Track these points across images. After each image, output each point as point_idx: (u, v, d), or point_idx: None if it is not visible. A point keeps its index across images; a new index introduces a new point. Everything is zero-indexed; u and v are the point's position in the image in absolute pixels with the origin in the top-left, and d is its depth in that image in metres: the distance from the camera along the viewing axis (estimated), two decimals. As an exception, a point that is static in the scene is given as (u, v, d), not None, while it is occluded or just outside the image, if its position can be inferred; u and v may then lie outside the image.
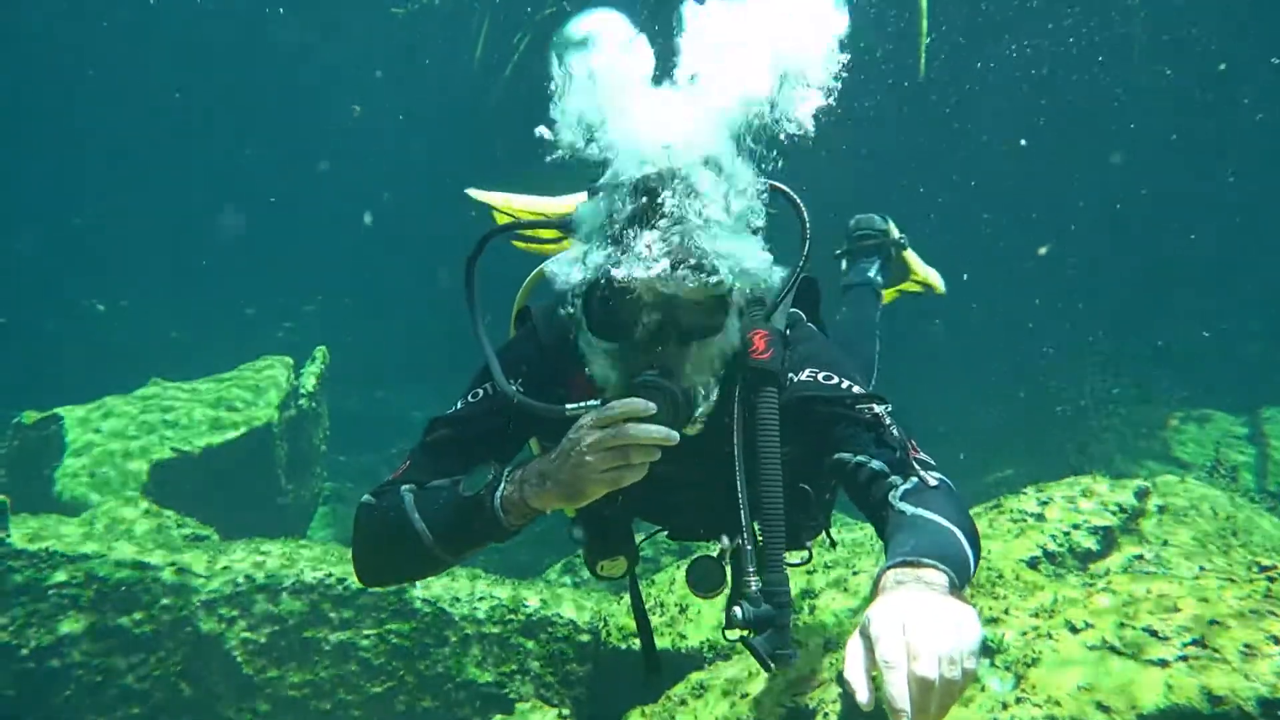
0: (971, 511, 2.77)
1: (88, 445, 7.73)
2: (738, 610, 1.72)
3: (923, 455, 1.77)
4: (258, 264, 17.97)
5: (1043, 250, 11.64)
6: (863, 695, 1.16)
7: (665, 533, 2.37)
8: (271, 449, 8.22)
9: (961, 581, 1.39)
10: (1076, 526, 4.15)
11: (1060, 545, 4.04)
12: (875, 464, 1.73)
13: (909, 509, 1.59)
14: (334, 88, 19.07)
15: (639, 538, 2.24)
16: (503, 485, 1.66)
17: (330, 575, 5.25)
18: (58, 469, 7.50)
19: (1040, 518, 4.22)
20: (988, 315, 11.46)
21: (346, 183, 18.42)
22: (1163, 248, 12.11)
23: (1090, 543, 4.09)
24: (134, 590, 5.18)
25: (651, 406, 1.54)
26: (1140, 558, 3.97)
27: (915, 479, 1.67)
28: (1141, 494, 4.50)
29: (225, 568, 5.30)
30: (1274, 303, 11.89)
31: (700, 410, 1.75)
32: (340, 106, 18.65)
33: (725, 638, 1.80)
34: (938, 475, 1.71)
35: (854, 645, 1.22)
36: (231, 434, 7.93)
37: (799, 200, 1.96)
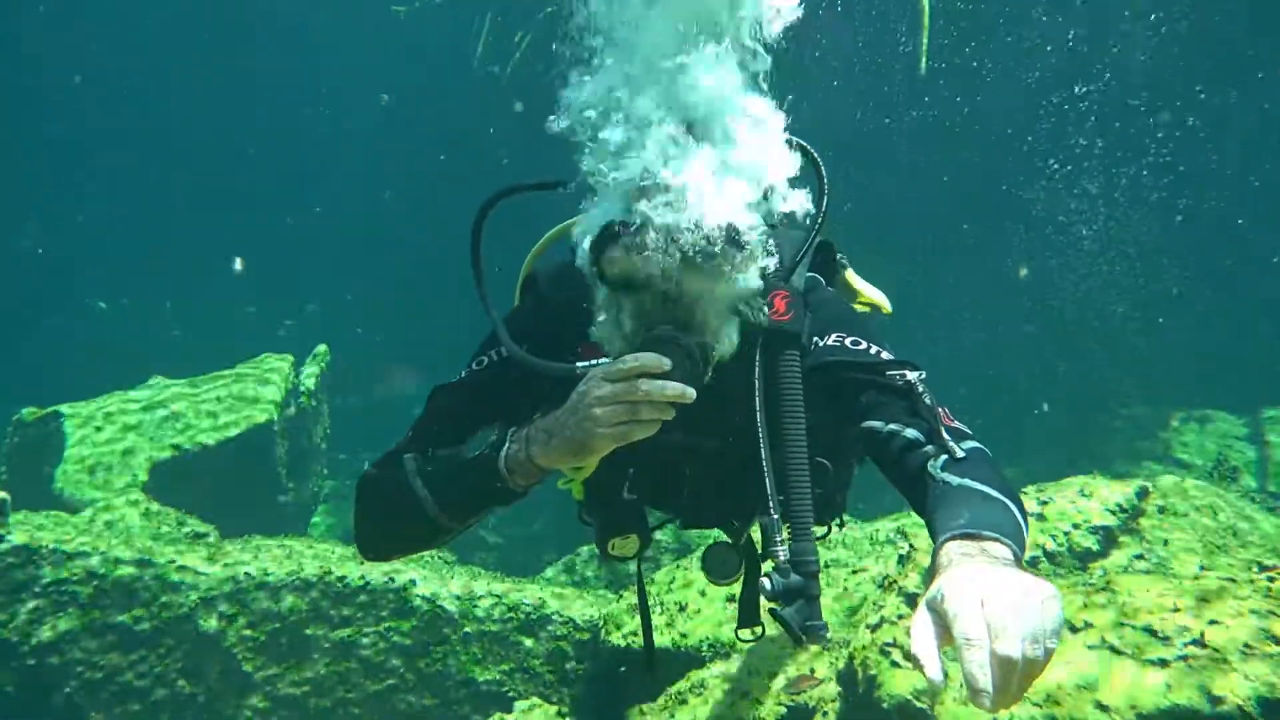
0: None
1: (88, 442, 7.74)
2: (766, 582, 1.64)
3: (958, 424, 1.68)
4: (260, 262, 17.99)
5: (1024, 271, 11.59)
6: (934, 672, 1.07)
7: (677, 522, 2.26)
8: (272, 447, 8.22)
9: (1021, 554, 1.33)
10: (1076, 526, 4.14)
11: (1060, 545, 4.04)
12: (910, 433, 1.64)
13: (954, 479, 1.52)
14: (335, 85, 19.08)
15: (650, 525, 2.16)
16: (507, 444, 1.59)
17: (330, 573, 5.25)
18: (58, 466, 7.52)
19: (1040, 517, 4.22)
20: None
21: (348, 181, 18.43)
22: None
23: (1090, 542, 4.09)
24: (134, 587, 5.19)
25: (666, 362, 1.45)
26: (1140, 557, 3.96)
27: (953, 448, 1.58)
28: (1142, 494, 4.49)
29: (225, 565, 5.30)
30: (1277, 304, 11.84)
31: (717, 353, 1.64)
32: (340, 107, 18.66)
33: (738, 637, 1.72)
34: (976, 444, 1.62)
35: (922, 619, 1.12)
36: (232, 432, 7.93)
37: (818, 156, 1.83)
